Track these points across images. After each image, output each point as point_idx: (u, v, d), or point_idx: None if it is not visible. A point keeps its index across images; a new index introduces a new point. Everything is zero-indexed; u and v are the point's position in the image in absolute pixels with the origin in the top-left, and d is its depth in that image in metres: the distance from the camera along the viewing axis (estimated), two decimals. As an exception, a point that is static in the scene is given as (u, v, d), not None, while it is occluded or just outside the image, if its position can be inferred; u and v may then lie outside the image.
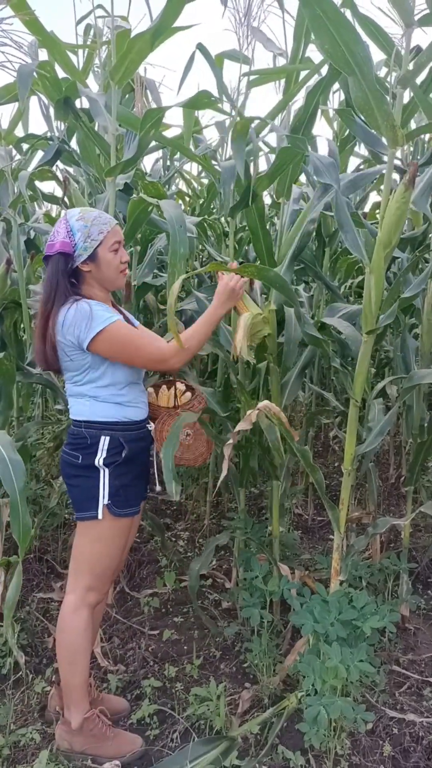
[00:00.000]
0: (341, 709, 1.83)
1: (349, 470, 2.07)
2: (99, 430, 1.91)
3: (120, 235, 1.91)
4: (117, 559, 2.00)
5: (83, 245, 1.84)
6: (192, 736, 2.06)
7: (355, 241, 1.89)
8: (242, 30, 2.19)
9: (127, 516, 1.95)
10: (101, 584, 1.99)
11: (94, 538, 1.94)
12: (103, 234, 1.85)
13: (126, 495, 1.93)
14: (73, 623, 1.96)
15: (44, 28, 2.37)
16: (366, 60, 1.57)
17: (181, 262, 2.14)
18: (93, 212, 1.87)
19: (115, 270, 1.92)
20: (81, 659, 1.98)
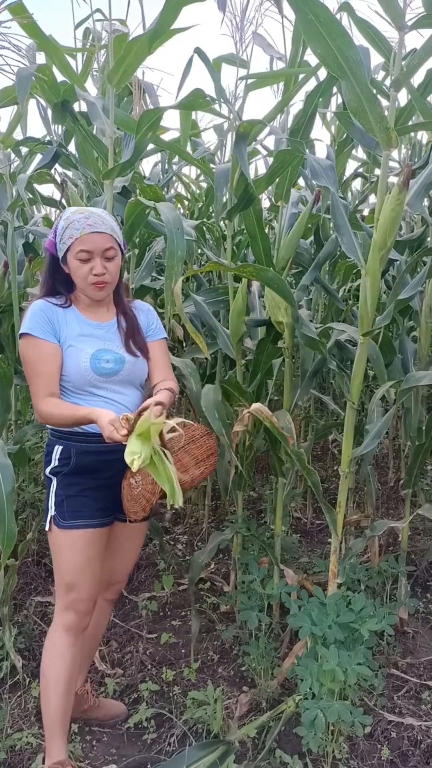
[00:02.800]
0: (339, 712, 1.83)
1: (346, 473, 2.07)
2: (55, 439, 1.86)
3: (91, 245, 1.75)
4: (85, 575, 1.83)
5: (59, 246, 1.80)
6: (189, 740, 2.05)
7: (352, 244, 1.89)
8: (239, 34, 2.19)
9: (75, 528, 1.81)
10: (75, 603, 1.84)
11: (55, 551, 1.87)
12: (72, 239, 1.75)
13: (71, 506, 1.81)
14: (48, 646, 1.86)
15: (43, 32, 2.37)
16: (358, 63, 1.58)
17: (179, 264, 2.15)
18: (79, 214, 1.77)
19: (83, 280, 1.79)
20: (51, 688, 1.83)
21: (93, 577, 1.86)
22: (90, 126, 2.50)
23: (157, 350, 1.99)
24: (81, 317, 1.86)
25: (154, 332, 2.00)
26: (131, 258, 2.84)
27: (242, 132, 2.15)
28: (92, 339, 1.84)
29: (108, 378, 1.83)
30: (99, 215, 1.78)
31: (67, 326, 1.82)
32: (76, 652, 1.87)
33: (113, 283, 1.85)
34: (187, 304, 2.86)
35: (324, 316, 3.35)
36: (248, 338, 2.89)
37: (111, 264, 1.80)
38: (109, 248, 1.78)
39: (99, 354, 1.82)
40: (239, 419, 2.06)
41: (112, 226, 1.80)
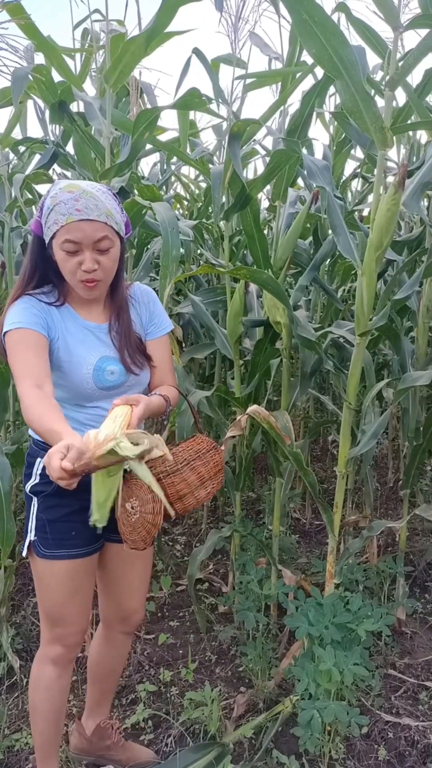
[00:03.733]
0: (335, 712, 1.82)
1: (343, 473, 2.06)
2: (38, 449, 1.60)
3: (79, 234, 1.43)
4: (71, 608, 1.63)
5: (45, 229, 1.48)
6: (187, 740, 2.05)
7: (348, 244, 1.89)
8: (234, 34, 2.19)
9: (57, 559, 1.57)
10: (62, 637, 1.65)
11: (36, 579, 1.65)
12: (57, 225, 1.43)
13: (54, 533, 1.57)
14: (33, 677, 1.72)
15: (41, 33, 2.37)
16: (353, 63, 1.57)
17: (174, 264, 2.14)
18: (68, 193, 1.42)
19: (71, 275, 1.49)
20: (40, 720, 1.72)
21: (81, 609, 1.66)
22: (87, 126, 2.50)
23: (157, 350, 1.70)
24: (77, 317, 1.58)
25: (156, 328, 1.71)
26: (129, 258, 2.85)
27: (236, 131, 2.15)
28: (93, 344, 1.58)
29: (110, 391, 1.59)
30: (92, 196, 1.43)
31: (63, 328, 1.55)
32: (65, 683, 1.72)
33: (108, 279, 1.55)
34: (185, 304, 2.87)
35: (323, 316, 3.35)
36: (246, 339, 2.89)
37: (105, 257, 1.48)
38: (101, 238, 1.45)
39: (103, 363, 1.56)
40: (235, 423, 2.04)
41: (107, 210, 1.45)
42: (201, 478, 1.56)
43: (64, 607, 1.63)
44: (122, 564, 1.74)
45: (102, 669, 1.90)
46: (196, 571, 2.44)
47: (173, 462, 1.51)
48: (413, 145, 3.01)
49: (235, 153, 2.12)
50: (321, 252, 2.40)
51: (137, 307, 1.68)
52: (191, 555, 2.49)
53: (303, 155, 2.01)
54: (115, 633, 1.86)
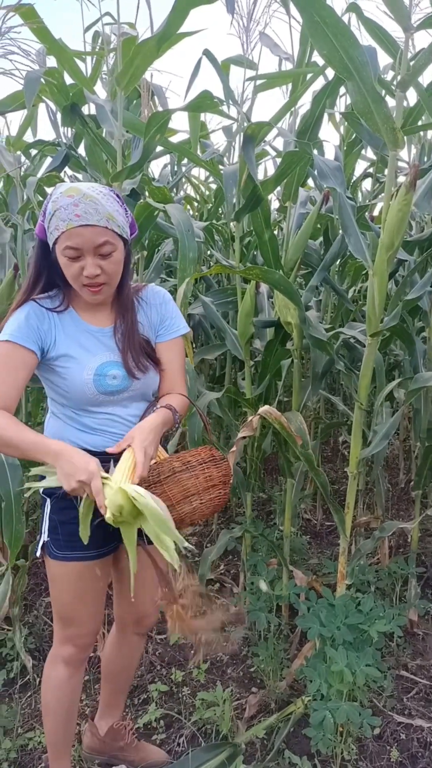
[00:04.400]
0: (347, 713, 1.82)
1: (354, 474, 2.06)
2: None
3: (79, 240, 1.41)
4: (83, 610, 1.64)
5: (48, 234, 1.46)
6: (198, 740, 2.05)
7: (359, 244, 1.89)
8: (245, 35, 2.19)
9: (70, 560, 1.58)
10: (74, 638, 1.67)
11: (50, 580, 1.66)
12: (58, 231, 1.41)
13: (65, 535, 1.57)
14: (45, 677, 1.73)
15: (52, 36, 2.38)
16: (364, 64, 1.57)
17: (191, 266, 2.14)
18: (67, 198, 1.39)
19: (74, 280, 1.47)
20: (51, 719, 1.74)
21: (93, 611, 1.67)
22: (99, 129, 2.52)
23: (167, 353, 1.65)
24: (81, 322, 1.56)
25: (167, 330, 1.66)
26: (140, 260, 2.86)
27: (250, 134, 2.16)
28: (95, 349, 1.55)
29: (114, 396, 1.57)
30: (92, 200, 1.40)
31: (64, 334, 1.53)
32: (77, 683, 1.74)
33: (112, 283, 1.52)
34: (195, 305, 2.87)
35: (333, 316, 3.35)
36: (257, 339, 2.89)
37: (107, 262, 1.46)
38: (102, 243, 1.43)
39: (104, 368, 1.54)
40: (246, 424, 2.03)
41: (108, 214, 1.42)
42: (185, 491, 1.47)
43: (75, 609, 1.64)
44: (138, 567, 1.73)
45: (115, 669, 1.90)
46: (207, 572, 2.44)
47: (157, 472, 1.47)
48: (424, 145, 3.01)
49: (249, 155, 2.13)
50: (331, 252, 2.39)
51: (146, 309, 1.65)
52: (202, 555, 2.49)
53: (314, 156, 2.02)
54: (128, 634, 1.85)
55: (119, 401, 1.58)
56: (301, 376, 2.48)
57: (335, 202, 1.94)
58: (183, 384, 1.68)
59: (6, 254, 2.56)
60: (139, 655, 1.94)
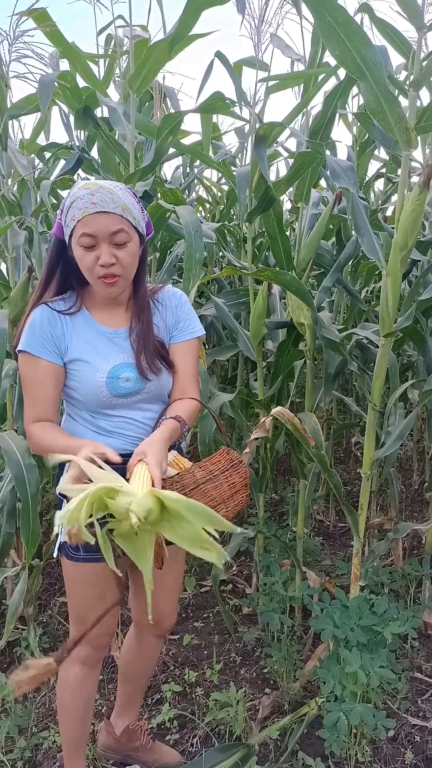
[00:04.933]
0: (361, 715, 1.81)
1: (368, 475, 2.06)
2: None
3: (94, 227, 1.41)
4: (98, 610, 1.54)
5: (65, 229, 1.48)
6: (212, 741, 2.05)
7: (372, 245, 1.88)
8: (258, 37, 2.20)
9: (85, 561, 1.57)
10: (90, 638, 1.57)
11: (66, 581, 1.67)
12: (74, 221, 1.43)
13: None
14: (61, 676, 1.73)
15: (65, 39, 2.40)
16: (377, 64, 1.57)
17: (197, 266, 2.14)
18: (85, 190, 1.42)
19: (89, 272, 1.47)
20: (68, 720, 1.76)
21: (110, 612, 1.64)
22: (112, 131, 2.53)
23: (179, 354, 1.64)
24: (93, 323, 1.56)
25: (182, 332, 1.65)
26: (152, 261, 2.87)
27: (262, 134, 2.16)
28: (108, 351, 1.55)
29: (127, 398, 1.56)
30: (108, 191, 1.42)
31: (77, 337, 1.53)
32: (92, 682, 1.76)
33: (127, 276, 1.50)
34: (207, 306, 2.88)
35: (346, 317, 3.34)
36: (269, 340, 2.89)
37: (122, 251, 1.45)
38: (117, 231, 1.43)
39: (117, 370, 1.53)
40: (259, 425, 2.03)
41: (124, 204, 1.44)
42: (212, 502, 1.45)
43: (91, 609, 1.61)
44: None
45: (133, 670, 1.91)
46: (220, 572, 2.45)
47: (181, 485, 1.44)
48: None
49: (261, 156, 2.13)
50: (345, 253, 2.39)
51: (162, 311, 1.64)
52: (216, 555, 2.49)
53: (327, 156, 2.01)
54: (146, 635, 1.85)
55: (133, 404, 1.57)
56: (313, 377, 2.48)
57: (348, 203, 1.94)
58: (195, 387, 1.66)
59: (20, 257, 2.58)
60: (156, 656, 1.94)
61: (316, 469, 2.68)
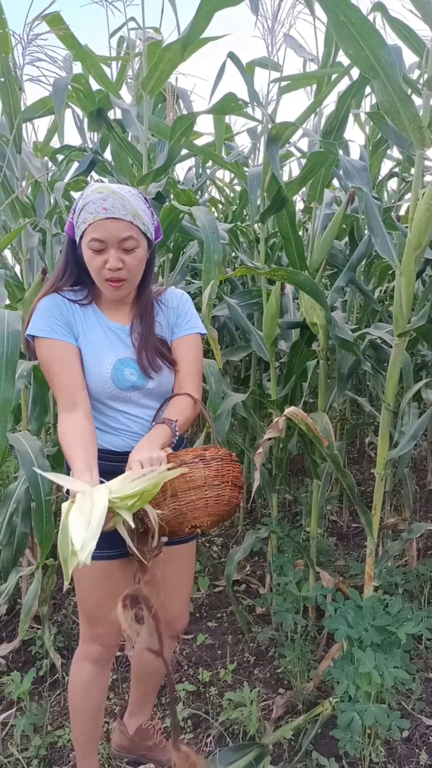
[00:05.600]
0: (375, 715, 1.81)
1: (382, 475, 2.05)
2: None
3: (104, 233, 1.44)
4: (108, 609, 1.50)
5: (76, 230, 1.51)
6: (226, 740, 2.06)
7: (386, 244, 1.88)
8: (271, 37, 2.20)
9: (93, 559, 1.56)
10: (101, 637, 1.67)
11: (75, 577, 1.65)
12: (85, 224, 1.46)
13: None
14: (73, 675, 1.74)
15: (78, 42, 2.42)
16: (390, 63, 1.57)
17: (216, 268, 2.15)
18: (97, 194, 1.44)
19: (96, 274, 1.50)
20: (80, 718, 1.76)
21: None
22: (125, 133, 2.54)
23: (179, 350, 1.65)
24: (102, 317, 1.59)
25: (181, 327, 1.66)
26: (165, 262, 2.87)
27: (274, 135, 2.16)
28: (115, 345, 1.57)
29: (131, 392, 1.57)
30: (120, 196, 1.45)
31: (87, 327, 1.57)
32: (104, 681, 1.76)
33: (133, 279, 1.54)
34: (220, 307, 2.88)
35: (359, 317, 3.33)
36: (282, 340, 2.89)
37: (130, 257, 1.48)
38: (126, 238, 1.46)
39: (123, 364, 1.56)
40: (273, 425, 2.03)
41: (134, 211, 1.46)
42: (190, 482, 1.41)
43: (100, 608, 1.63)
44: (164, 566, 1.68)
45: (146, 671, 1.90)
46: (233, 572, 2.45)
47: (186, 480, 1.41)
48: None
49: (273, 156, 2.13)
50: (358, 253, 2.39)
51: (165, 311, 1.67)
52: (228, 555, 2.50)
53: (340, 156, 2.01)
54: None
55: (137, 399, 1.59)
56: (327, 377, 2.47)
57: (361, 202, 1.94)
58: (194, 383, 1.65)
59: (34, 258, 2.59)
60: (170, 657, 1.94)
61: (330, 470, 2.67)
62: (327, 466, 2.58)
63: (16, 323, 1.83)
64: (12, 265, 3.03)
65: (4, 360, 1.80)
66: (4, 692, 2.28)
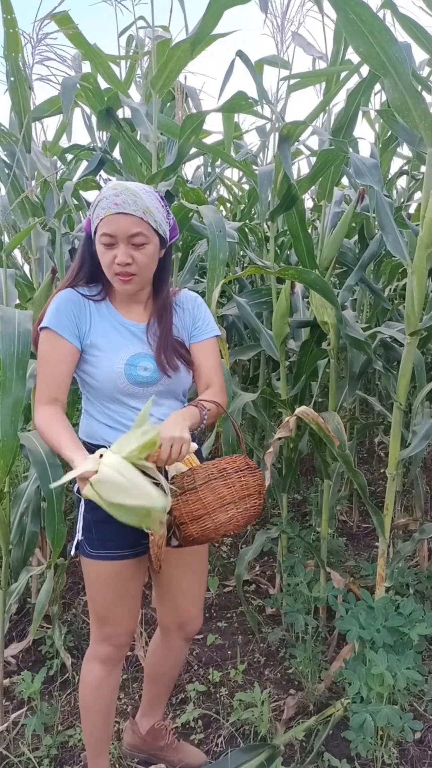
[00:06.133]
0: (388, 717, 1.80)
1: (393, 475, 2.04)
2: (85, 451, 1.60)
3: (114, 228, 1.46)
4: (118, 609, 1.66)
5: (92, 225, 1.54)
6: (237, 741, 2.05)
7: (397, 242, 1.87)
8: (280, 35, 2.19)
9: (103, 559, 1.59)
10: (111, 637, 1.68)
11: (85, 579, 1.68)
12: (98, 219, 1.49)
13: (100, 533, 1.57)
14: (83, 676, 1.75)
15: (87, 41, 2.41)
16: (401, 61, 1.56)
17: (221, 267, 2.14)
18: (111, 190, 1.47)
19: (107, 269, 1.52)
20: (90, 719, 1.76)
21: (129, 610, 1.69)
22: (134, 132, 2.53)
23: (201, 353, 1.67)
24: (115, 313, 1.60)
25: (201, 331, 1.68)
26: (174, 261, 2.86)
27: (286, 134, 2.15)
28: (128, 340, 1.58)
29: (144, 388, 1.57)
30: (132, 192, 1.47)
31: (99, 322, 1.58)
32: (114, 681, 1.76)
33: (143, 276, 1.54)
34: (230, 305, 2.87)
35: (369, 316, 3.32)
36: (291, 339, 2.88)
37: (139, 252, 1.49)
38: (136, 234, 1.47)
39: (136, 359, 1.56)
40: (283, 425, 2.02)
41: (146, 207, 1.48)
42: (221, 499, 1.42)
43: (111, 608, 1.65)
44: (176, 569, 1.72)
45: (159, 672, 1.90)
46: (244, 572, 2.44)
47: (192, 479, 1.43)
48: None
49: (285, 155, 2.12)
50: (369, 251, 2.37)
51: (180, 312, 1.68)
52: (239, 555, 2.49)
53: (351, 154, 2.00)
54: (173, 639, 1.84)
55: (149, 395, 1.57)
56: (338, 377, 2.46)
57: (372, 200, 1.93)
58: (220, 380, 1.68)
59: (44, 258, 2.59)
60: (183, 658, 1.93)
61: (340, 469, 2.66)
62: (338, 466, 2.57)
63: (26, 323, 1.83)
64: (21, 265, 3.03)
65: (15, 359, 1.80)
66: (14, 692, 2.28)
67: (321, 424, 1.94)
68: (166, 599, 1.79)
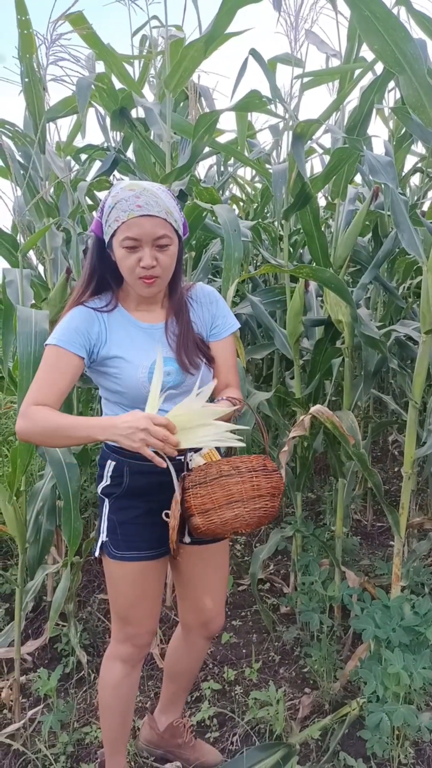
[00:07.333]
0: (404, 716, 1.80)
1: (409, 473, 2.03)
2: (109, 452, 1.63)
3: (139, 231, 1.43)
4: (141, 609, 1.66)
5: (105, 228, 1.49)
6: (252, 739, 2.05)
7: (412, 240, 1.86)
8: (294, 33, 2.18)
9: (128, 560, 1.60)
10: (132, 637, 1.68)
11: (108, 580, 1.68)
12: (118, 223, 1.44)
13: (125, 534, 1.59)
14: (103, 674, 1.75)
15: (101, 41, 2.42)
16: (416, 57, 1.55)
17: (236, 266, 2.14)
18: (129, 191, 1.43)
19: (129, 273, 1.48)
20: (109, 717, 1.77)
21: (151, 610, 1.70)
22: (147, 131, 2.54)
23: (222, 350, 1.66)
24: (131, 319, 1.57)
25: (221, 329, 1.67)
26: (188, 260, 2.87)
27: (299, 132, 2.15)
28: (148, 346, 1.55)
29: (167, 392, 1.54)
30: (152, 194, 1.44)
31: (116, 332, 1.55)
32: (134, 680, 1.77)
33: (166, 277, 1.53)
34: (243, 304, 2.88)
35: (383, 314, 3.30)
36: (305, 338, 2.87)
37: (163, 254, 1.48)
38: (161, 236, 1.45)
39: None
40: (298, 424, 2.02)
41: (167, 208, 1.46)
42: (229, 496, 1.41)
43: (133, 608, 1.65)
44: (197, 567, 1.72)
45: (179, 670, 1.91)
46: (258, 570, 2.44)
47: (204, 473, 1.44)
48: None
49: (299, 154, 2.12)
50: (383, 249, 2.36)
51: (197, 308, 1.66)
52: (253, 553, 2.50)
53: (365, 152, 1.99)
54: (194, 638, 1.83)
55: (173, 397, 1.56)
56: (352, 375, 2.45)
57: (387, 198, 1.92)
58: (237, 378, 1.68)
59: (58, 258, 2.61)
60: (203, 656, 1.93)
61: (354, 468, 2.65)
62: (352, 464, 2.56)
63: (43, 322, 1.84)
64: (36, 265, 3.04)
65: (32, 358, 1.81)
66: (31, 689, 2.30)
67: (336, 422, 1.93)
68: (189, 597, 1.79)
